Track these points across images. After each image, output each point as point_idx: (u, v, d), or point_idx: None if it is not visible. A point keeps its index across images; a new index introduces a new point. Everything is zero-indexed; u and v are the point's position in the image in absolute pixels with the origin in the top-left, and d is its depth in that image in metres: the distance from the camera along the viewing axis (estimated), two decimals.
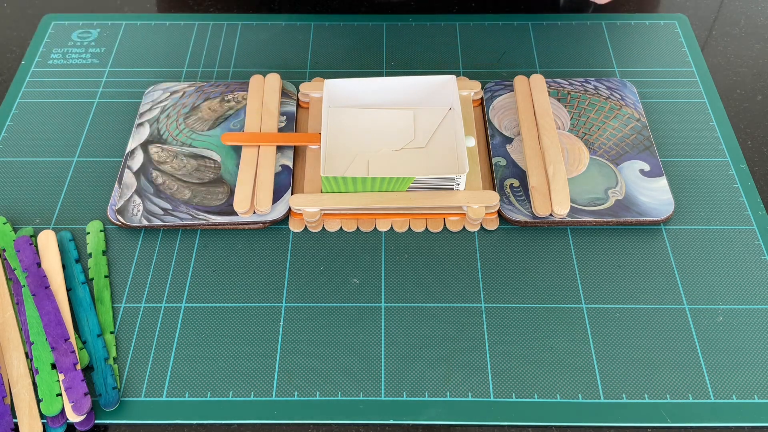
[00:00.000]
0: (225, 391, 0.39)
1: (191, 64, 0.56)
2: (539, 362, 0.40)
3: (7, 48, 0.59)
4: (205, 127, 0.50)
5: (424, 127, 0.50)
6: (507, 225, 0.46)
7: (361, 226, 0.46)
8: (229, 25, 0.59)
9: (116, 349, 0.41)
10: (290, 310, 0.43)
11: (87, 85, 0.55)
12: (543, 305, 0.43)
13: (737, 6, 0.62)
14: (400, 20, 0.60)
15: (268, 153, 0.48)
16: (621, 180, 0.47)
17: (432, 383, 0.40)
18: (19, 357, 0.40)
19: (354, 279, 0.44)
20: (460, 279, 0.44)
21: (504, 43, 0.58)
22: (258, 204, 0.45)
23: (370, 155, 0.48)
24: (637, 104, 0.52)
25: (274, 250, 0.45)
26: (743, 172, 0.49)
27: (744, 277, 0.44)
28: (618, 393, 0.39)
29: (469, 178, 0.46)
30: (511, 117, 0.51)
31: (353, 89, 0.50)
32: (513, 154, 0.49)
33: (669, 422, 0.38)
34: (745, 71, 0.56)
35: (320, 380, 0.40)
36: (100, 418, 0.38)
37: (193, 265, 0.45)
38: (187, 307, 0.43)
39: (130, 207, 0.46)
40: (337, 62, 0.56)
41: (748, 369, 0.40)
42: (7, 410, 0.38)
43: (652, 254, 0.45)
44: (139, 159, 0.49)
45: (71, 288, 0.43)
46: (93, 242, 0.45)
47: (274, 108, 0.51)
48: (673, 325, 0.42)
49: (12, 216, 0.47)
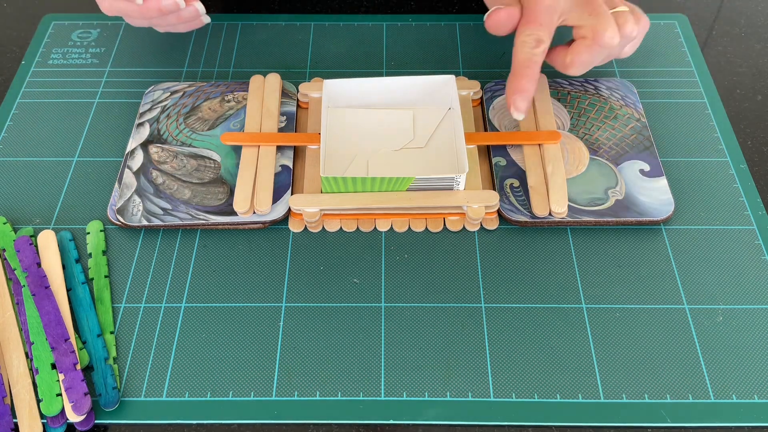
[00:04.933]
0: (225, 391, 0.39)
1: (191, 64, 0.56)
2: (539, 362, 0.40)
3: (7, 48, 0.59)
4: (205, 127, 0.50)
5: (423, 126, 0.50)
6: (507, 225, 0.46)
7: (361, 226, 0.46)
8: (229, 25, 0.59)
9: (116, 349, 0.41)
10: (290, 310, 0.43)
11: (87, 85, 0.55)
12: (543, 305, 0.43)
13: (737, 6, 0.62)
14: (400, 20, 0.60)
15: (268, 153, 0.48)
16: (621, 180, 0.47)
17: (432, 383, 0.40)
18: (19, 357, 0.40)
19: (354, 279, 0.44)
20: (460, 279, 0.44)
21: (504, 43, 0.58)
22: (258, 204, 0.45)
23: (369, 155, 0.48)
24: (637, 104, 0.52)
25: (274, 250, 0.45)
26: (743, 172, 0.49)
27: (744, 277, 0.44)
28: (618, 393, 0.39)
29: (469, 178, 0.46)
30: (511, 117, 0.51)
31: (353, 89, 0.50)
32: (513, 154, 0.49)
33: (669, 422, 0.38)
34: (745, 71, 0.56)
35: (320, 380, 0.40)
36: (100, 418, 0.38)
37: (193, 265, 0.45)
38: (187, 307, 0.43)
39: (130, 207, 0.46)
40: (337, 62, 0.56)
41: (748, 369, 0.40)
42: (7, 410, 0.38)
43: (652, 254, 0.45)
44: (139, 159, 0.49)
45: (71, 288, 0.43)
46: (93, 242, 0.45)
47: (274, 108, 0.51)
48: (673, 325, 0.42)
49: (12, 216, 0.47)
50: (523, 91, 0.45)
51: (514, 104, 0.45)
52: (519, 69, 0.45)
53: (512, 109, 0.45)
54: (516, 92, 0.45)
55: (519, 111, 0.45)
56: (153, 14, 0.49)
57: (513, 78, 0.45)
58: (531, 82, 0.45)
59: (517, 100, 0.45)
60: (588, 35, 0.45)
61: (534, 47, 0.45)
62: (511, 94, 0.45)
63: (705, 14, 0.61)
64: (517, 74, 0.45)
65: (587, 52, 0.45)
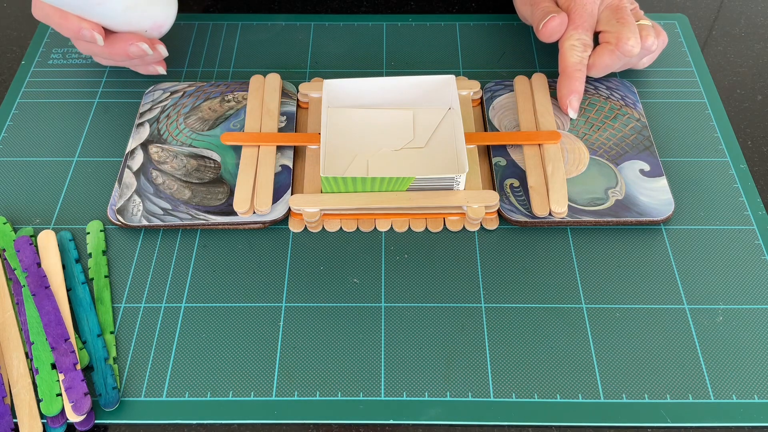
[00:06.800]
0: (225, 391, 0.39)
1: (191, 64, 0.56)
2: (539, 362, 0.40)
3: (7, 48, 0.59)
4: (205, 127, 0.50)
5: (423, 126, 0.50)
6: (507, 225, 0.46)
7: (361, 226, 0.46)
8: (229, 25, 0.59)
9: (116, 349, 0.41)
10: (290, 310, 0.43)
11: (87, 85, 0.55)
12: (543, 305, 0.43)
13: (737, 6, 0.62)
14: (400, 20, 0.60)
15: (268, 153, 0.48)
16: (621, 180, 0.47)
17: (432, 383, 0.40)
18: (19, 357, 0.40)
19: (354, 279, 0.44)
20: (460, 279, 0.44)
21: (504, 43, 0.58)
22: (258, 204, 0.45)
23: (369, 155, 0.48)
24: (637, 104, 0.52)
25: (274, 250, 0.45)
26: (743, 172, 0.49)
27: (744, 277, 0.44)
28: (618, 393, 0.39)
29: (469, 178, 0.46)
30: (511, 117, 0.51)
31: (353, 89, 0.50)
32: (513, 154, 0.49)
33: (669, 422, 0.38)
34: (745, 71, 0.56)
35: (320, 380, 0.40)
36: (100, 418, 0.38)
37: (193, 265, 0.45)
38: (187, 307, 0.43)
39: (130, 207, 0.46)
40: (337, 62, 0.56)
41: (748, 369, 0.40)
42: (7, 410, 0.38)
43: (652, 254, 0.45)
44: (139, 159, 0.49)
45: (71, 288, 0.43)
46: (93, 242, 0.45)
47: (274, 108, 0.51)
48: (673, 325, 0.42)
49: (12, 216, 0.47)
50: (577, 91, 0.50)
51: (570, 105, 0.50)
52: (571, 72, 0.49)
53: (569, 110, 0.50)
54: (571, 93, 0.50)
55: (575, 110, 0.50)
56: (120, 58, 0.51)
57: (566, 81, 0.50)
58: (582, 84, 0.50)
59: (573, 101, 0.50)
60: (612, 41, 0.49)
61: (582, 51, 0.49)
62: (567, 95, 0.50)
63: (705, 14, 0.61)
64: (570, 77, 0.49)
65: (609, 56, 0.49)
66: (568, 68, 0.49)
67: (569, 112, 0.50)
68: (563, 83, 0.50)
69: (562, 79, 0.50)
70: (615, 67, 0.51)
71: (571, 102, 0.49)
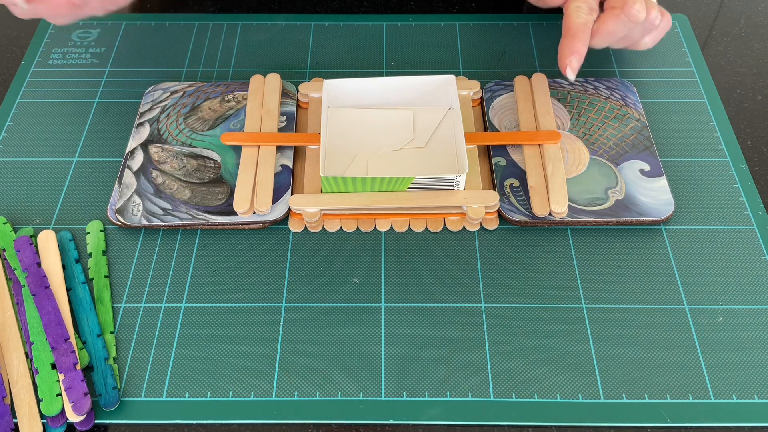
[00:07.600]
0: (225, 391, 0.39)
1: (191, 64, 0.56)
2: (539, 362, 0.40)
3: (7, 48, 0.59)
4: (205, 127, 0.50)
5: (423, 126, 0.50)
6: (507, 225, 0.46)
7: (361, 226, 0.46)
8: (229, 25, 0.59)
9: (116, 349, 0.41)
10: (290, 310, 0.43)
11: (87, 85, 0.55)
12: (543, 305, 0.43)
13: (737, 6, 0.62)
14: (400, 20, 0.60)
15: (268, 153, 0.48)
16: (621, 180, 0.47)
17: (432, 383, 0.40)
18: (19, 357, 0.40)
19: (354, 279, 0.44)
20: (460, 279, 0.44)
21: (504, 43, 0.58)
22: (258, 204, 0.45)
23: (369, 155, 0.48)
24: (637, 104, 0.52)
25: (274, 250, 0.45)
26: (743, 172, 0.49)
27: (744, 277, 0.44)
28: (618, 393, 0.39)
29: (469, 178, 0.46)
30: (511, 117, 0.51)
31: (353, 89, 0.50)
32: (513, 154, 0.49)
33: (669, 422, 0.38)
34: (745, 71, 0.56)
35: (320, 380, 0.40)
36: (100, 418, 0.38)
37: (193, 265, 0.45)
38: (187, 307, 0.43)
39: (130, 207, 0.46)
40: (337, 62, 0.56)
41: (748, 369, 0.40)
42: (7, 410, 0.38)
43: (652, 254, 0.45)
44: (139, 159, 0.49)
45: (71, 288, 0.43)
46: (93, 242, 0.45)
47: (274, 108, 0.51)
48: (673, 325, 0.42)
49: (12, 216, 0.47)
50: (579, 52, 0.48)
51: (570, 65, 0.48)
52: (575, 32, 0.48)
53: (567, 70, 0.48)
54: (573, 53, 0.48)
55: (574, 71, 0.48)
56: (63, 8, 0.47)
57: (569, 40, 0.48)
58: (585, 45, 0.48)
59: (573, 61, 0.48)
60: (617, 5, 0.47)
61: (588, 14, 0.48)
62: (568, 55, 0.48)
63: (705, 14, 0.61)
64: (573, 36, 0.48)
65: (614, 21, 0.47)
66: (572, 28, 0.48)
67: (568, 72, 0.48)
68: (565, 43, 0.48)
69: (565, 39, 0.48)
70: (619, 34, 0.49)
71: (571, 62, 0.48)
